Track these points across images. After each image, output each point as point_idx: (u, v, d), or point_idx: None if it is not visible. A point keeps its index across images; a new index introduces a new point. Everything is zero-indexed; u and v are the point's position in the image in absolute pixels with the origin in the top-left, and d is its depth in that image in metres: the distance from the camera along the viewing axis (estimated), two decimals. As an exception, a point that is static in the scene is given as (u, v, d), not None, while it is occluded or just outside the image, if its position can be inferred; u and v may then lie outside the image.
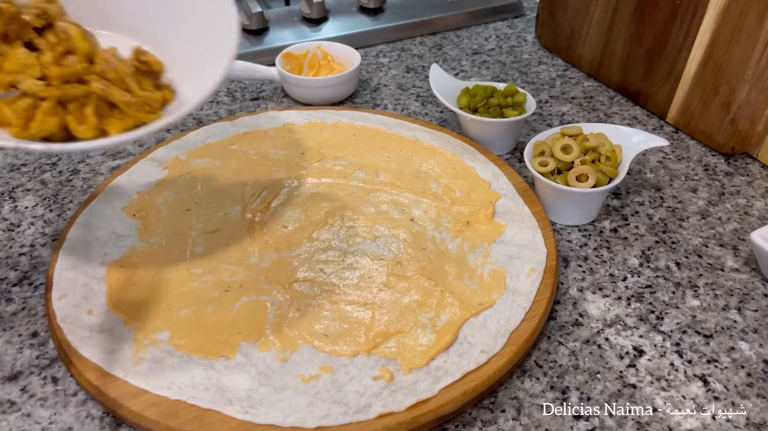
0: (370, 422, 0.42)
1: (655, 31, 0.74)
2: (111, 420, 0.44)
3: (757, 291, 0.55)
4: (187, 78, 0.51)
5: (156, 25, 0.52)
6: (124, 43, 0.51)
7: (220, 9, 0.50)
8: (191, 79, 0.50)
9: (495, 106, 0.69)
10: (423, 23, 0.98)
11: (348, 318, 0.49)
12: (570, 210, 0.61)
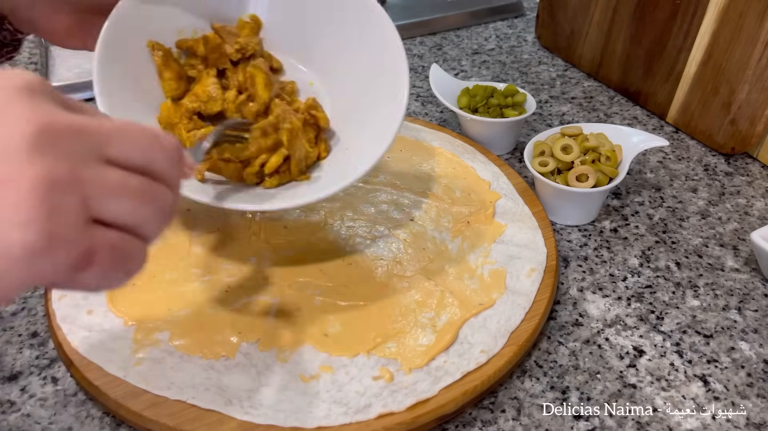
0: (370, 422, 0.42)
1: (655, 31, 0.74)
2: (111, 420, 0.44)
3: (757, 291, 0.55)
4: (349, 138, 0.54)
5: (338, 78, 0.56)
6: (305, 75, 0.57)
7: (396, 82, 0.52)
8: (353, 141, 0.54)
9: (495, 106, 0.69)
10: (423, 23, 0.97)
11: (348, 317, 0.49)
12: (570, 210, 0.61)
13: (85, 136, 0.25)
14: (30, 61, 0.88)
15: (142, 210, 0.27)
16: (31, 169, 0.23)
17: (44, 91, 0.25)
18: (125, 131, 0.27)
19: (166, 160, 0.28)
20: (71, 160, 0.24)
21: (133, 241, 0.27)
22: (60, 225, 0.23)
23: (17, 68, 0.25)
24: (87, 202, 0.25)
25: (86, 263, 0.25)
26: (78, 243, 0.24)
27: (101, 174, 0.25)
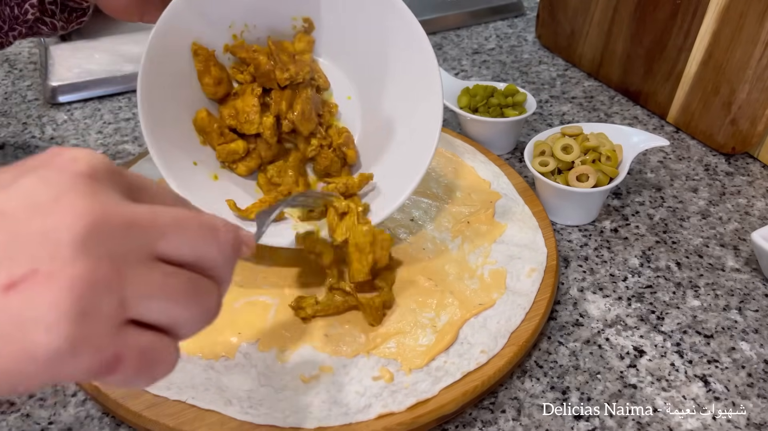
0: (370, 422, 0.42)
1: (656, 30, 0.74)
2: (111, 420, 0.44)
3: (758, 292, 0.55)
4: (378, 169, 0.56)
5: (374, 94, 0.58)
6: (345, 88, 0.59)
7: (431, 111, 0.53)
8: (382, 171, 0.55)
9: (495, 105, 0.69)
10: (423, 23, 0.96)
11: (348, 318, 0.49)
12: (570, 210, 0.61)
13: (137, 232, 0.24)
14: (30, 61, 0.88)
15: (184, 312, 0.25)
16: (73, 269, 0.22)
17: (107, 178, 0.24)
18: (181, 225, 0.25)
19: (220, 256, 0.27)
20: (117, 259, 0.23)
21: (165, 343, 0.25)
22: (89, 330, 0.22)
23: (76, 148, 0.25)
24: (125, 303, 0.23)
25: (111, 369, 0.23)
26: (105, 350, 0.23)
27: (146, 273, 0.24)
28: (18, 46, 0.92)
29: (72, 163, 0.24)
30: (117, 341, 0.23)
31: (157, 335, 0.25)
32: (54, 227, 0.22)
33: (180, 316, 0.25)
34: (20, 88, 0.82)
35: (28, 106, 0.78)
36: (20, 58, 0.89)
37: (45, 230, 0.22)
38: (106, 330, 0.23)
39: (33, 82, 0.83)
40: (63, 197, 0.22)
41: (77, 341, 0.22)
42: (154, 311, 0.24)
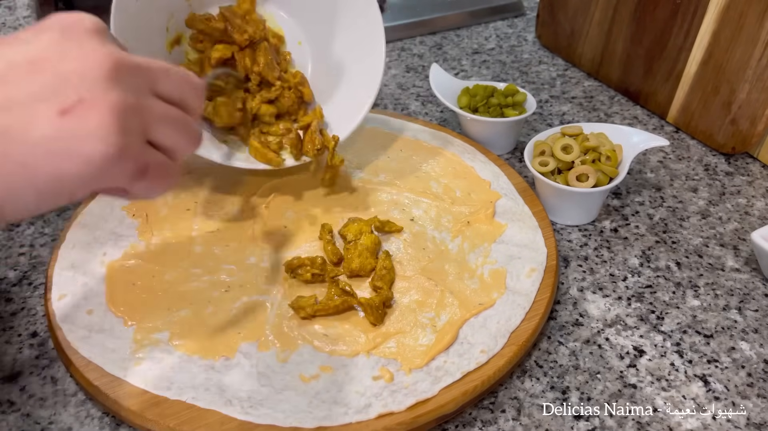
0: (370, 422, 0.42)
1: (656, 30, 0.74)
2: (111, 420, 0.44)
3: (758, 291, 0.55)
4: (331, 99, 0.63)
5: (321, 33, 0.64)
6: (295, 32, 0.65)
7: (373, 63, 0.62)
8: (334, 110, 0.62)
9: (495, 105, 0.69)
10: (423, 23, 0.97)
11: (348, 318, 0.49)
12: (570, 210, 0.61)
13: (143, 73, 0.31)
14: (30, 61, 0.88)
15: (180, 136, 0.33)
16: (110, 96, 0.28)
17: (106, 33, 0.31)
18: (167, 70, 0.33)
19: (195, 96, 0.35)
20: (135, 91, 0.30)
21: (170, 162, 0.33)
22: (128, 142, 0.29)
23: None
24: (144, 125, 0.30)
25: (142, 174, 0.31)
26: (139, 158, 0.30)
27: (154, 104, 0.31)
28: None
29: (80, 22, 0.30)
30: (145, 152, 0.31)
31: (164, 155, 0.33)
32: (88, 67, 0.28)
33: (179, 140, 0.33)
34: (20, 88, 0.82)
35: (28, 106, 0.78)
36: (20, 58, 0.89)
37: (81, 69, 0.28)
38: (138, 144, 0.30)
39: (33, 82, 0.83)
40: (84, 45, 0.29)
41: (122, 149, 0.28)
42: (162, 135, 0.32)
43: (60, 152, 0.27)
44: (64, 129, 0.27)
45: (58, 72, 0.28)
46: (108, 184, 0.30)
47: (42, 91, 0.27)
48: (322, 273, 0.51)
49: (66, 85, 0.28)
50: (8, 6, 1.04)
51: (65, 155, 0.27)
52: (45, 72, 0.28)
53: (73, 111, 0.27)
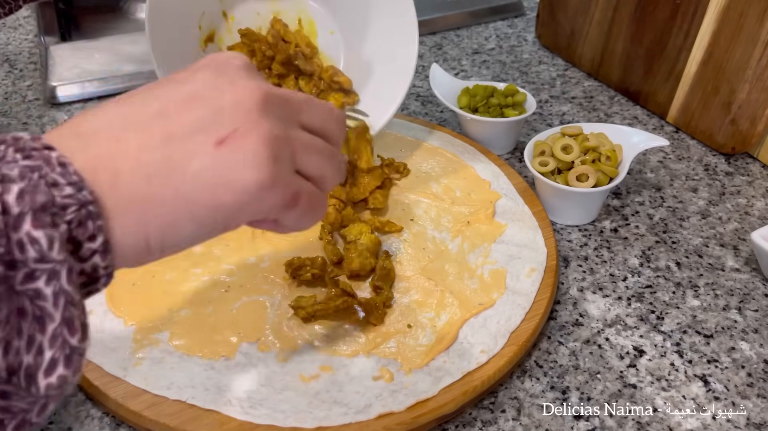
0: (370, 422, 0.42)
1: (656, 30, 0.74)
2: (111, 420, 0.44)
3: (758, 291, 0.55)
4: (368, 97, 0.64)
5: (355, 26, 0.65)
6: (329, 22, 0.65)
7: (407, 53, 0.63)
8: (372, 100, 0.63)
9: (495, 105, 0.69)
10: (423, 23, 0.97)
11: (348, 318, 0.49)
12: (570, 210, 0.61)
13: (289, 105, 0.32)
14: (30, 61, 0.88)
15: (327, 165, 0.33)
16: (262, 125, 0.29)
17: (254, 69, 0.32)
18: (311, 102, 0.34)
19: (337, 128, 0.35)
20: (284, 122, 0.31)
21: (319, 192, 0.33)
22: (280, 170, 0.29)
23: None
24: (294, 154, 0.31)
25: (294, 203, 0.31)
26: (291, 186, 0.31)
27: (300, 135, 0.32)
28: (18, 45, 0.92)
29: (232, 60, 0.32)
30: (296, 181, 0.31)
31: (313, 184, 0.33)
32: (241, 99, 0.29)
33: (326, 169, 0.33)
34: (20, 88, 0.82)
35: (28, 106, 0.78)
36: (20, 58, 0.89)
37: (235, 101, 0.29)
38: (289, 173, 0.31)
39: (33, 82, 0.83)
40: (236, 81, 0.30)
41: (275, 177, 0.29)
42: (310, 164, 0.32)
43: (217, 182, 0.28)
44: (221, 159, 0.28)
45: (213, 105, 0.29)
46: (262, 213, 0.30)
47: (199, 124, 0.28)
48: (322, 274, 0.51)
49: (221, 117, 0.28)
50: (8, 6, 1.04)
51: (222, 185, 0.28)
52: (201, 106, 0.29)
53: (228, 141, 0.28)
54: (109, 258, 0.26)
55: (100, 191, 0.25)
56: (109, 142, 0.27)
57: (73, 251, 0.25)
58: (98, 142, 0.27)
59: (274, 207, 0.30)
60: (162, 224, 0.27)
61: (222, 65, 0.31)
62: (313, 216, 0.33)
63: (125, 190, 0.26)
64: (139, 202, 0.27)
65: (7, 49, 0.91)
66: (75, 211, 0.24)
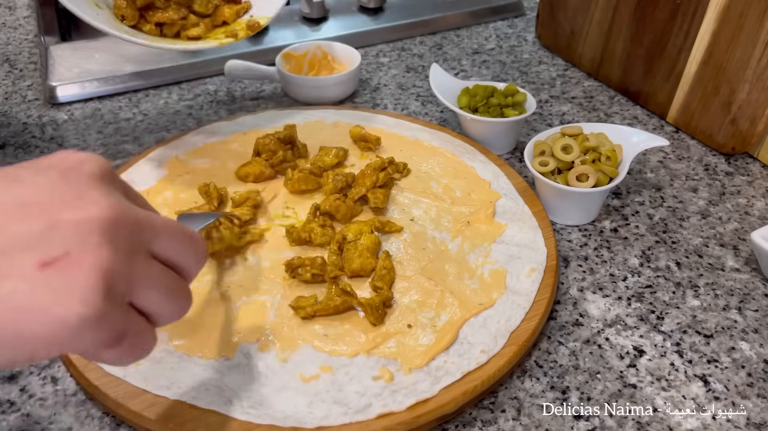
0: (370, 422, 0.42)
1: (656, 30, 0.74)
2: (111, 420, 0.44)
3: (758, 291, 0.55)
4: None
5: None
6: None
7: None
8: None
9: (495, 105, 0.69)
10: (423, 23, 0.97)
11: (348, 318, 0.49)
12: (570, 210, 0.61)
13: (141, 231, 0.28)
14: (30, 61, 0.88)
15: (167, 302, 0.30)
16: (100, 254, 0.25)
17: (113, 180, 0.29)
18: (171, 230, 0.30)
19: (195, 263, 0.32)
20: (129, 252, 0.27)
21: (149, 328, 0.30)
22: (110, 307, 0.26)
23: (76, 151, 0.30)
24: (131, 288, 0.28)
25: (116, 343, 0.27)
26: (118, 324, 0.27)
27: (146, 267, 0.28)
28: (18, 45, 0.92)
29: (82, 165, 0.28)
30: (125, 319, 0.28)
31: (145, 320, 0.30)
32: (84, 218, 0.26)
33: (165, 307, 0.30)
34: (20, 88, 0.82)
35: (28, 106, 0.78)
36: (20, 58, 0.89)
37: (76, 220, 0.25)
38: (120, 309, 0.27)
39: (33, 82, 0.83)
40: (85, 194, 0.26)
41: (102, 314, 0.25)
42: (148, 299, 0.29)
43: (29, 309, 0.24)
44: (41, 284, 0.24)
45: (50, 220, 0.25)
46: (76, 350, 0.27)
47: (26, 240, 0.25)
48: (322, 273, 0.51)
49: (55, 235, 0.25)
50: (8, 6, 1.04)
51: (35, 313, 0.24)
52: (34, 218, 0.25)
53: (56, 264, 0.24)
54: None
55: None
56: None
57: None
58: None
59: (93, 345, 0.26)
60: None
61: (72, 169, 0.27)
62: (135, 354, 0.29)
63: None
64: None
65: (7, 49, 0.91)
66: None
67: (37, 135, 0.73)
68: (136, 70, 0.81)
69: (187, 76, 0.84)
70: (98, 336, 0.26)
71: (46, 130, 0.74)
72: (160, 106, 0.79)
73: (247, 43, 0.88)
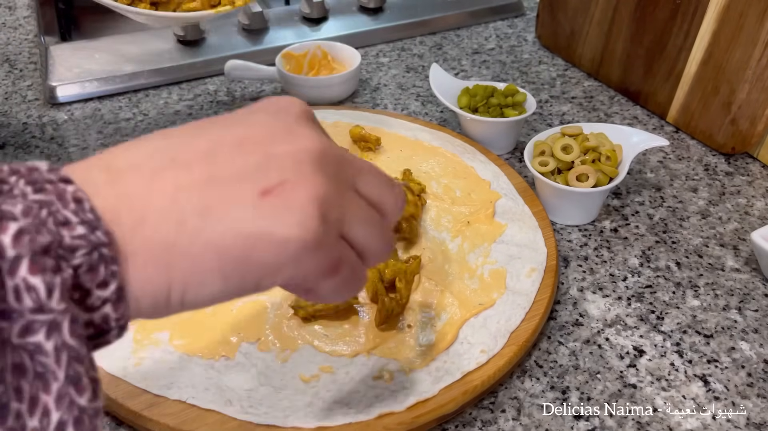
0: (370, 422, 0.42)
1: (656, 30, 0.74)
2: (111, 420, 0.44)
3: (758, 291, 0.55)
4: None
5: None
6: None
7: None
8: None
9: (495, 105, 0.69)
10: (423, 23, 0.97)
11: (348, 318, 0.49)
12: (570, 210, 0.61)
13: (346, 167, 0.29)
14: (30, 61, 0.88)
15: (375, 238, 0.30)
16: (314, 181, 0.26)
17: (313, 119, 0.30)
18: (371, 170, 0.31)
19: (394, 203, 0.32)
20: (338, 183, 0.28)
21: (361, 264, 0.30)
22: (326, 232, 0.27)
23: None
24: (342, 218, 0.28)
25: (333, 271, 0.28)
26: (334, 251, 0.28)
27: (354, 200, 0.29)
28: (18, 45, 0.92)
29: (291, 106, 0.30)
30: (340, 247, 0.28)
31: (356, 254, 0.30)
32: (296, 150, 0.27)
33: (373, 242, 0.30)
34: (20, 88, 0.82)
35: (28, 106, 0.78)
36: (20, 58, 0.89)
37: (290, 151, 0.27)
38: (334, 236, 0.28)
39: (33, 82, 0.83)
40: (294, 130, 0.28)
41: (319, 238, 0.26)
42: (357, 233, 0.29)
43: (255, 235, 0.25)
44: (264, 209, 0.25)
45: (265, 152, 0.27)
46: (298, 277, 0.27)
47: (246, 170, 0.26)
48: None
49: (272, 166, 0.26)
50: (8, 6, 1.04)
51: (260, 238, 0.25)
52: (252, 152, 0.26)
53: (275, 192, 0.26)
54: (122, 308, 0.23)
55: (120, 233, 0.23)
56: (142, 180, 0.24)
57: (80, 299, 0.22)
58: (129, 177, 0.24)
59: (313, 272, 0.27)
60: (186, 277, 0.24)
61: (281, 110, 0.29)
62: (350, 289, 0.30)
63: (149, 235, 0.24)
64: (163, 249, 0.24)
65: (7, 49, 0.91)
66: (85, 254, 0.22)
67: (37, 135, 0.73)
68: (136, 70, 0.81)
69: (187, 76, 0.84)
70: (317, 262, 0.27)
71: (46, 130, 0.74)
72: (160, 106, 0.79)
73: (247, 43, 0.88)
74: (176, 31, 0.86)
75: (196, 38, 0.86)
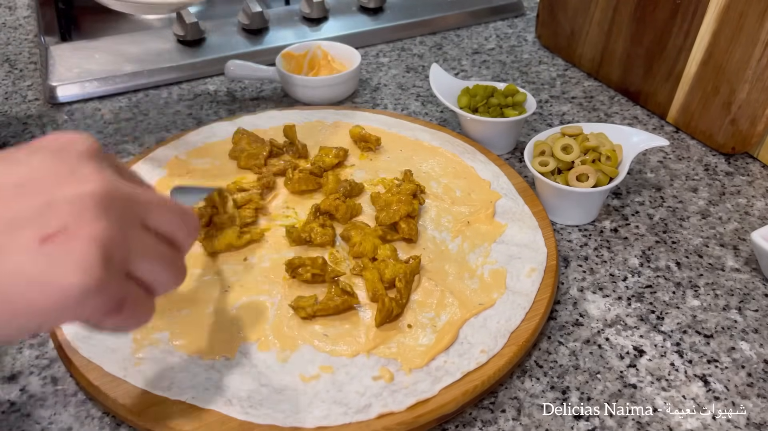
0: (370, 422, 0.42)
1: (656, 30, 0.74)
2: (111, 420, 0.44)
3: (758, 291, 0.55)
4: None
5: None
6: None
7: None
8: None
9: (495, 105, 0.69)
10: (423, 23, 0.97)
11: (348, 318, 0.49)
12: (570, 210, 0.61)
13: (134, 205, 0.29)
14: (30, 61, 0.88)
15: (162, 271, 0.31)
16: (96, 226, 0.27)
17: (104, 158, 0.30)
18: (163, 205, 0.32)
19: (187, 236, 0.33)
20: (123, 223, 0.28)
21: (147, 297, 0.31)
22: (109, 276, 0.27)
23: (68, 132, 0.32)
24: (128, 258, 0.29)
25: (116, 310, 0.29)
26: (118, 292, 0.28)
27: (140, 237, 0.30)
28: (18, 45, 0.92)
29: (73, 144, 0.29)
30: (124, 287, 0.29)
31: (143, 289, 0.31)
32: (78, 193, 0.27)
33: (160, 276, 0.31)
34: (20, 88, 0.82)
35: (28, 106, 0.78)
36: (20, 58, 0.89)
37: (72, 196, 0.27)
38: (118, 278, 0.28)
39: (33, 82, 0.83)
40: (77, 171, 0.28)
41: (102, 282, 0.27)
42: (144, 269, 0.30)
43: (35, 282, 0.25)
44: (43, 257, 0.25)
45: (47, 197, 0.26)
46: (80, 318, 0.28)
47: (26, 217, 0.26)
48: (323, 273, 0.51)
49: (52, 211, 0.26)
50: (8, 6, 1.04)
51: (40, 285, 0.25)
52: (32, 197, 0.26)
53: (55, 238, 0.26)
54: None
55: None
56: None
57: None
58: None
59: (95, 313, 0.28)
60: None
61: (64, 148, 0.29)
62: (136, 322, 0.31)
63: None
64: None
65: (7, 49, 0.91)
66: None
67: (37, 135, 0.73)
68: (136, 70, 0.81)
69: (187, 76, 0.84)
70: (99, 304, 0.27)
71: (46, 130, 0.74)
72: (160, 106, 0.79)
73: (247, 43, 0.88)
74: (176, 31, 0.86)
75: (196, 38, 0.86)
